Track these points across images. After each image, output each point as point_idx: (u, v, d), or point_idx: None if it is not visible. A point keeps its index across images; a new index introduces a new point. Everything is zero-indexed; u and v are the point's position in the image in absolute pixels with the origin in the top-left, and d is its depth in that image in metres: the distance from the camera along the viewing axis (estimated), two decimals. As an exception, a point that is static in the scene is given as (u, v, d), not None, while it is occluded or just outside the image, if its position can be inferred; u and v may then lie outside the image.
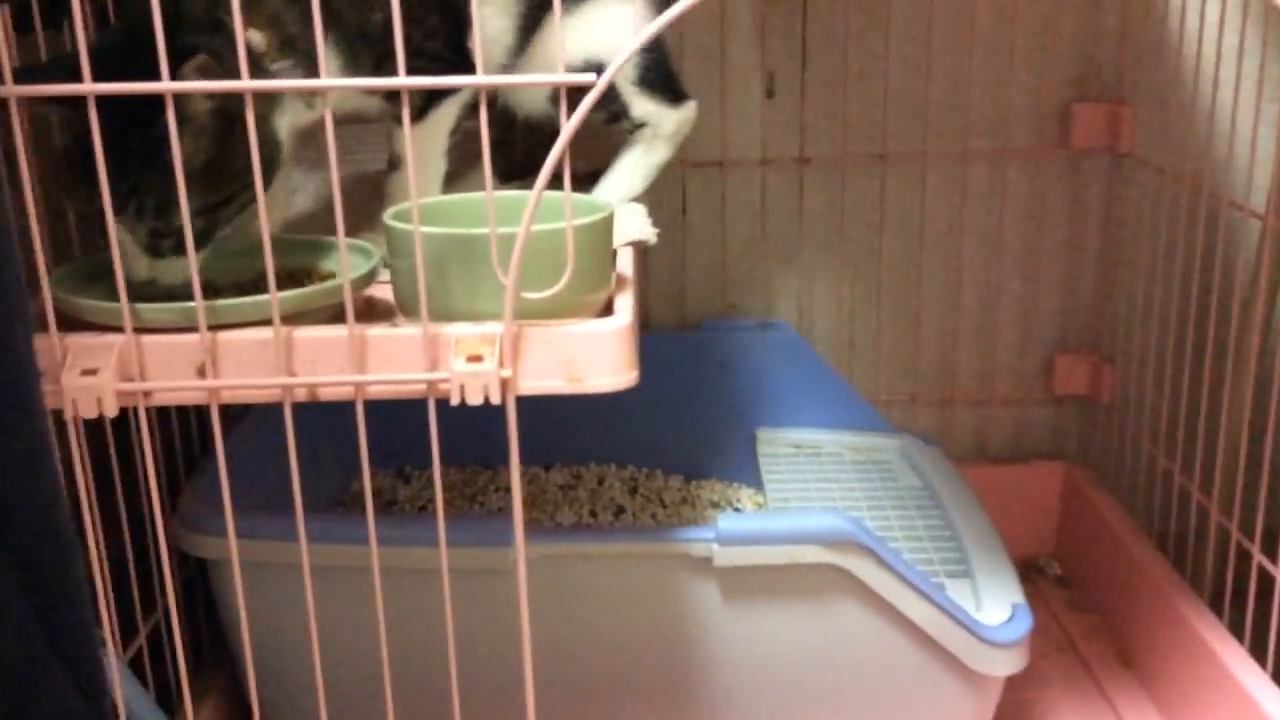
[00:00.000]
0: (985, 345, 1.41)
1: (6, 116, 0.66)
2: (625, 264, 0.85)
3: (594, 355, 0.70)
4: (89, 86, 0.65)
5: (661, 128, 1.02)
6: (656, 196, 1.16)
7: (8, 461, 0.58)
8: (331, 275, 0.82)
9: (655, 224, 0.99)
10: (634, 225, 0.95)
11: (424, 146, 0.90)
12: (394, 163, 0.92)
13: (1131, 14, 1.30)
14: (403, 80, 0.66)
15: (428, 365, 0.70)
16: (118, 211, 0.70)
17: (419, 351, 0.69)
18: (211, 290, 0.81)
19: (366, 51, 0.82)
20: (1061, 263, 1.39)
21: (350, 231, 0.90)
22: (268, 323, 0.69)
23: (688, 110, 1.03)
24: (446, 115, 0.91)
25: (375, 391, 0.70)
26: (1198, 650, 1.05)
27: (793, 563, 0.91)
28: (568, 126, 0.65)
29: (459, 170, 0.95)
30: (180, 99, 0.70)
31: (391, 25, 0.79)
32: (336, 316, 0.72)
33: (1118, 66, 1.32)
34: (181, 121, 0.71)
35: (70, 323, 0.71)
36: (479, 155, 0.68)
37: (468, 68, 0.89)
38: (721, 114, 1.33)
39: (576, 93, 0.65)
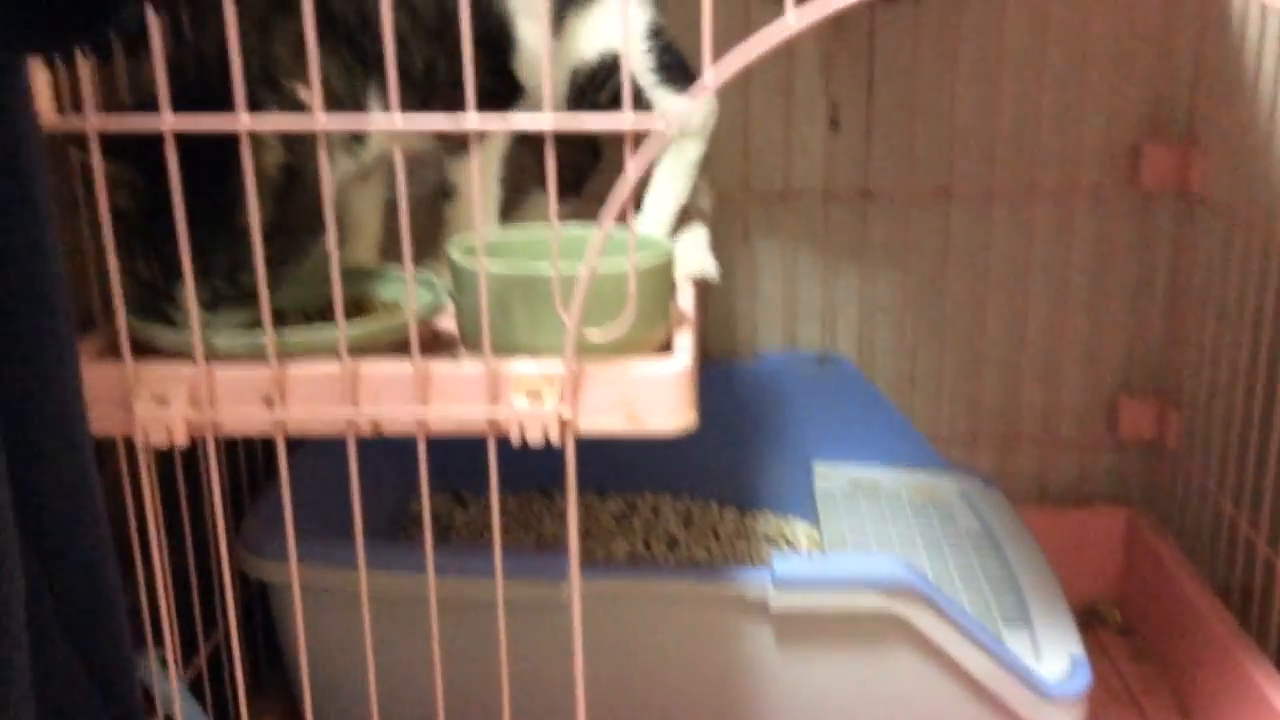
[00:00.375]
0: (1049, 385, 1.40)
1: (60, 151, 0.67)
2: (686, 298, 0.85)
3: (654, 397, 0.70)
4: (168, 121, 0.66)
5: (689, 122, 0.98)
6: (717, 225, 1.16)
7: (52, 494, 0.59)
8: (396, 305, 0.83)
9: (716, 253, 0.99)
10: (696, 260, 0.95)
11: (479, 169, 0.91)
12: (450, 192, 0.93)
13: (1205, 54, 1.28)
14: (471, 122, 0.67)
15: (489, 402, 0.70)
16: (181, 276, 0.71)
17: (481, 388, 0.70)
18: (278, 318, 0.83)
19: (411, 96, 0.84)
20: (1128, 304, 1.37)
21: (413, 258, 0.91)
22: (334, 355, 0.70)
23: (712, 100, 0.99)
24: (500, 142, 0.92)
25: (437, 428, 0.71)
26: (1261, 706, 1.02)
27: (850, 609, 0.90)
28: (632, 168, 0.66)
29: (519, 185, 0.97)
30: (254, 152, 0.71)
31: (431, 67, 0.79)
32: (400, 347, 0.73)
33: (1189, 107, 1.30)
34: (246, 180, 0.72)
35: (141, 349, 0.73)
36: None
37: (513, 91, 0.90)
38: (785, 144, 1.33)
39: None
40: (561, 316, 0.68)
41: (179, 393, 0.71)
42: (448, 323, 0.81)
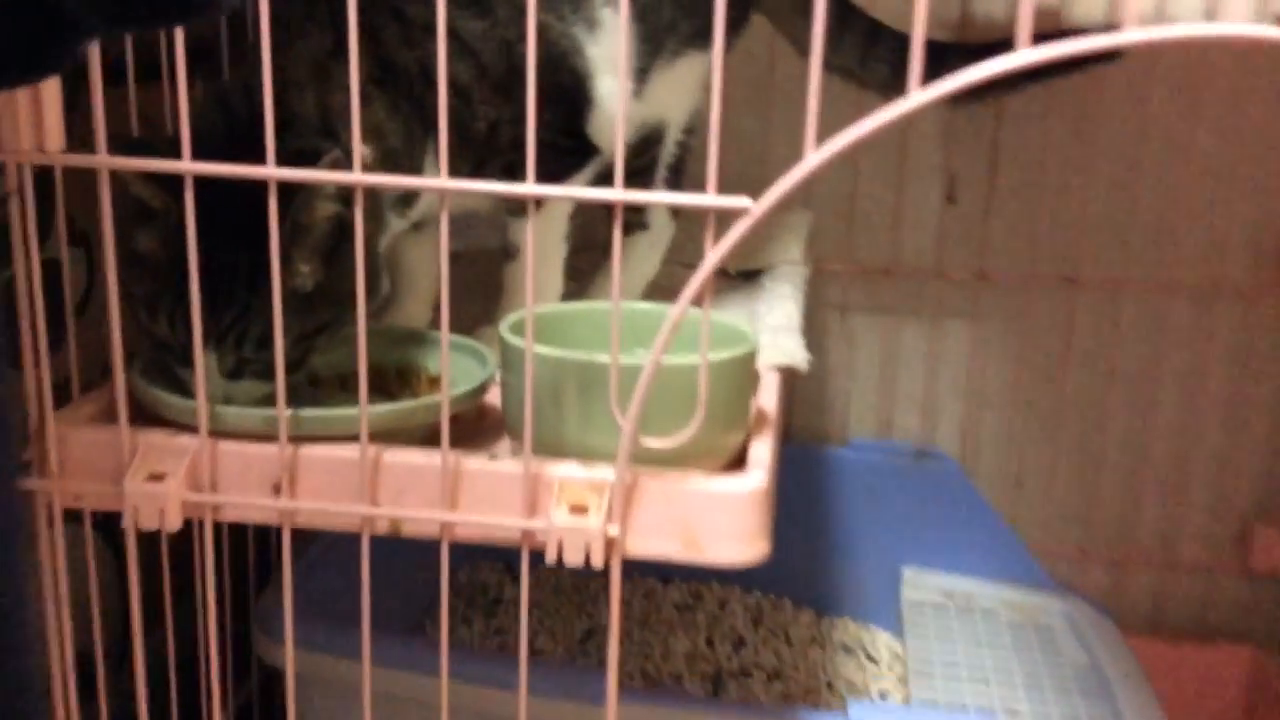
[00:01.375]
0: (1173, 503, 1.25)
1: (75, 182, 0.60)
2: (769, 394, 0.74)
3: (718, 521, 0.59)
4: (187, 165, 0.58)
5: (661, 236, 0.94)
6: (813, 295, 1.05)
7: None
8: (439, 379, 0.74)
9: (809, 324, 0.88)
10: (784, 347, 0.84)
11: (544, 238, 0.82)
12: (511, 252, 0.84)
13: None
14: (530, 188, 0.57)
15: (525, 510, 0.60)
16: (210, 339, 0.63)
17: (518, 493, 0.60)
18: (311, 381, 0.74)
19: (468, 154, 0.75)
20: (1269, 419, 1.22)
21: (464, 322, 0.82)
22: (355, 437, 0.61)
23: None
24: (566, 204, 0.83)
25: (464, 534, 0.61)
26: None
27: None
28: (716, 251, 0.55)
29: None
30: (303, 205, 0.63)
31: (495, 126, 0.71)
32: (436, 429, 0.63)
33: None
34: (297, 235, 0.64)
35: (144, 413, 0.65)
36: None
37: (585, 151, 0.81)
38: (894, 216, 1.22)
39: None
40: (617, 418, 0.58)
41: (178, 469, 0.62)
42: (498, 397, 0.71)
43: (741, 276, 1.04)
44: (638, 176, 0.89)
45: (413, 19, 0.73)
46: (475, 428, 0.73)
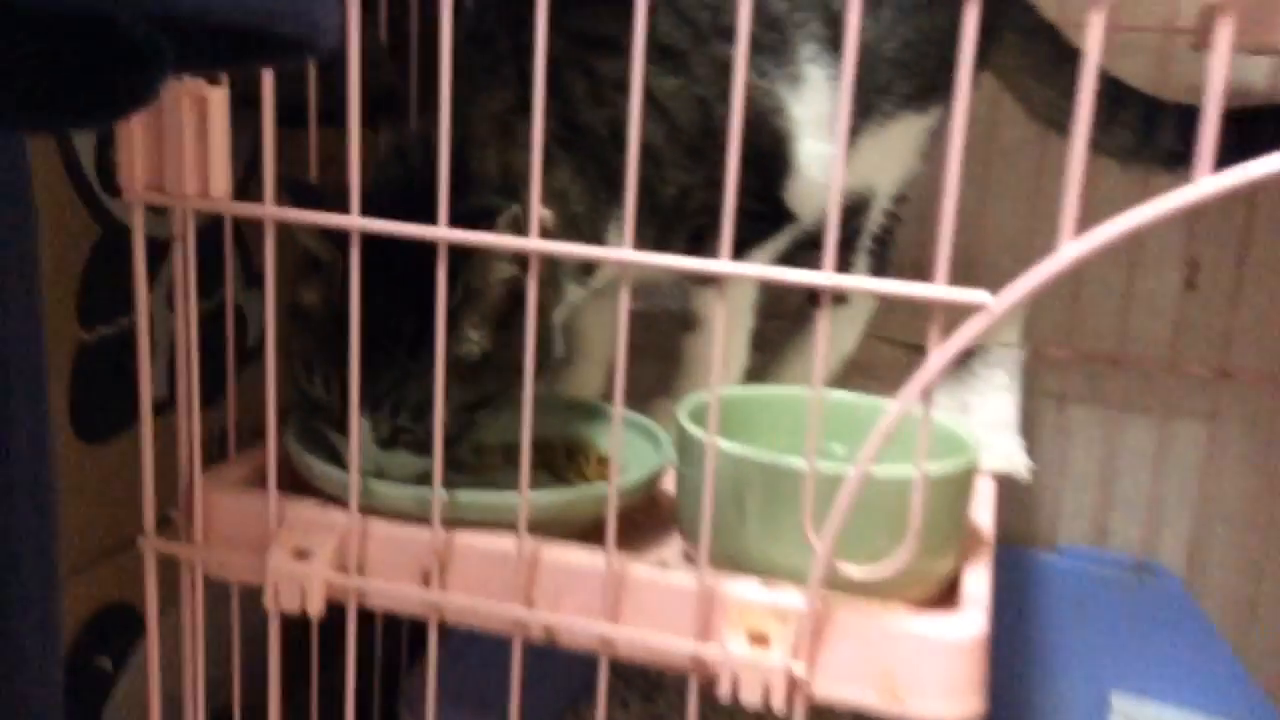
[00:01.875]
0: None
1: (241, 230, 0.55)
2: (983, 505, 0.65)
3: (925, 669, 0.50)
4: (355, 221, 0.53)
5: (860, 310, 0.86)
6: (1026, 383, 0.95)
7: None
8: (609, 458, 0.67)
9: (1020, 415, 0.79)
10: (1002, 450, 0.75)
11: (731, 309, 0.74)
12: (692, 322, 0.77)
13: None
14: (724, 265, 0.50)
15: (697, 633, 0.52)
16: (366, 404, 0.58)
17: (690, 612, 0.52)
18: (476, 452, 0.69)
19: (654, 221, 0.69)
20: None
21: (638, 389, 0.75)
22: (514, 524, 0.54)
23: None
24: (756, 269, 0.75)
25: (626, 653, 0.54)
26: None
27: None
28: (943, 353, 0.47)
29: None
30: (477, 268, 0.58)
31: (686, 192, 0.64)
32: (602, 519, 0.56)
33: None
34: (469, 299, 0.59)
35: (297, 479, 0.60)
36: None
37: (779, 218, 0.73)
38: (1125, 299, 1.10)
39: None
40: (810, 538, 0.50)
41: (324, 546, 0.57)
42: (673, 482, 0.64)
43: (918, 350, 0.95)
44: (840, 249, 0.81)
45: (604, 76, 0.67)
46: (646, 518, 0.66)
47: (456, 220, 0.52)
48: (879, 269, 0.87)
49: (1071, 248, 0.44)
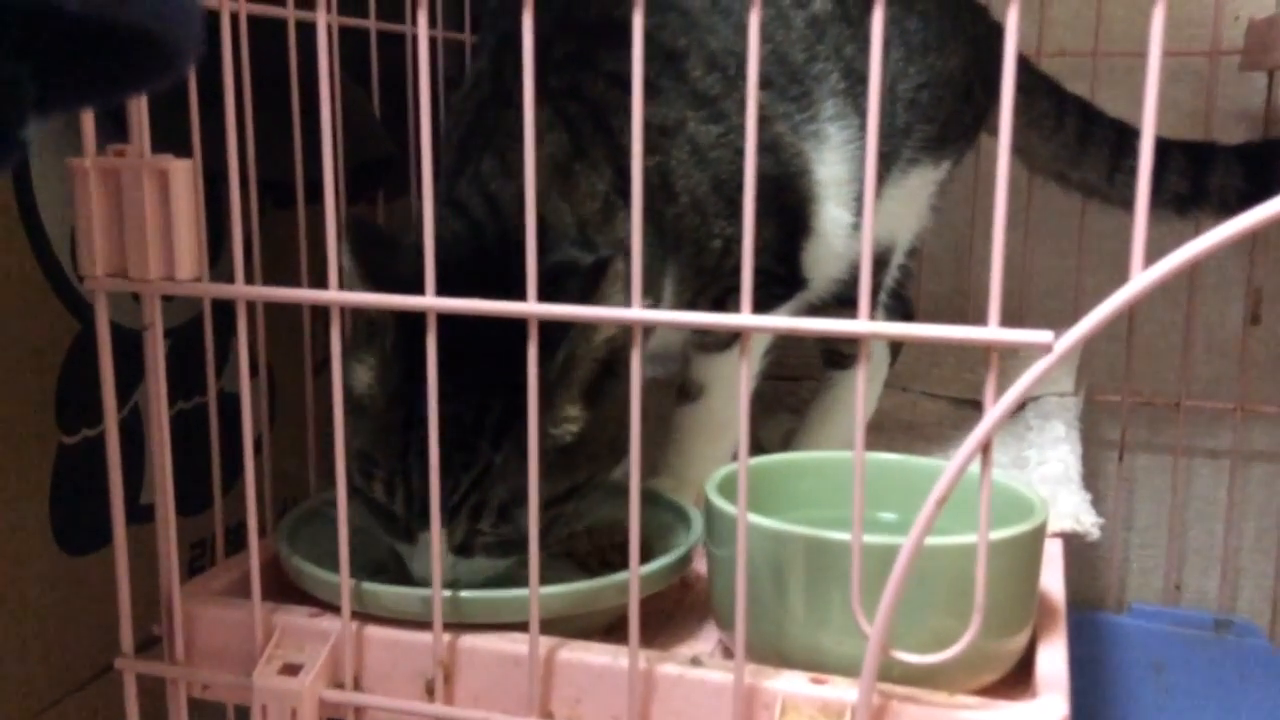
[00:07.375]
0: None
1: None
2: (1052, 571, 0.58)
3: (1002, 770, 0.43)
4: (430, 301, 0.47)
5: (880, 368, 0.83)
6: (1084, 433, 0.88)
7: None
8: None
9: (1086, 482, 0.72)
10: (1067, 508, 0.68)
11: (737, 373, 0.69)
12: (690, 392, 0.70)
13: None
14: (745, 319, 0.44)
15: (737, 736, 0.46)
16: (445, 513, 0.50)
17: (727, 711, 0.46)
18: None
19: (697, 282, 0.65)
20: None
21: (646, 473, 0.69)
22: (526, 623, 0.48)
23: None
24: (768, 339, 0.71)
25: (656, 763, 0.47)
26: None
27: None
28: (1004, 401, 0.41)
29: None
30: (580, 335, 0.52)
31: (729, 249, 0.59)
32: (625, 610, 0.50)
33: None
34: (567, 372, 0.53)
35: (287, 585, 0.55)
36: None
37: (794, 283, 0.68)
38: (1184, 338, 1.03)
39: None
40: (860, 624, 0.43)
41: (315, 659, 0.51)
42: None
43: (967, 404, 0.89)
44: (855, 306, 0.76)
45: (647, 119, 0.62)
46: (675, 605, 0.60)
47: (545, 280, 0.45)
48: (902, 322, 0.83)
49: (1140, 278, 0.38)
